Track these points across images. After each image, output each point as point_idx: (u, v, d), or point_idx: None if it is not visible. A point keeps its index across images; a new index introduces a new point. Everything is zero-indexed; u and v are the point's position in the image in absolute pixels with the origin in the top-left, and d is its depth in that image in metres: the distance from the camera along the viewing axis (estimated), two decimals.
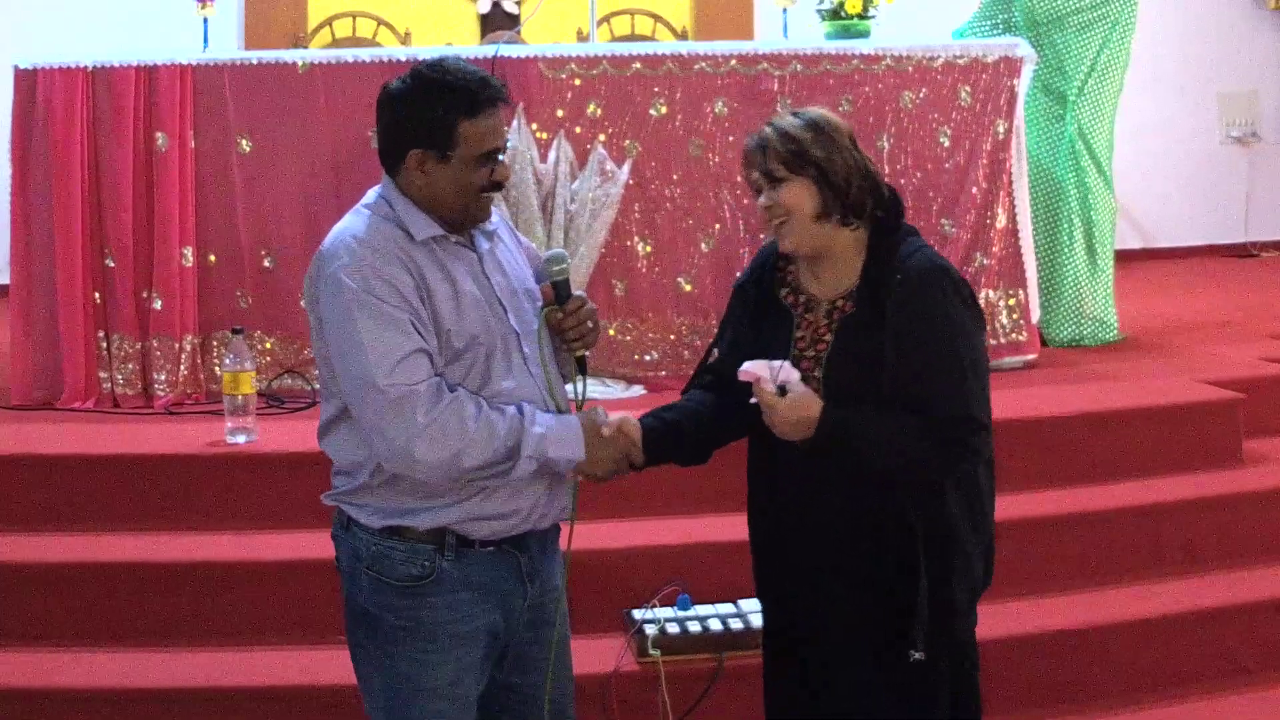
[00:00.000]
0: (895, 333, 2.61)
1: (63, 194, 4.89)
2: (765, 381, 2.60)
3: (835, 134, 2.69)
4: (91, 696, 3.61)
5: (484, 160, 2.59)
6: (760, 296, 2.81)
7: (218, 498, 4.21)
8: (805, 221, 2.67)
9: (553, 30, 7.63)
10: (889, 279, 2.65)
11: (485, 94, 2.57)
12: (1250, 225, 8.67)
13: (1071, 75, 5.81)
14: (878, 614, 2.68)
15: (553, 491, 2.70)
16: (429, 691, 2.64)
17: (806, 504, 2.70)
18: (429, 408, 2.49)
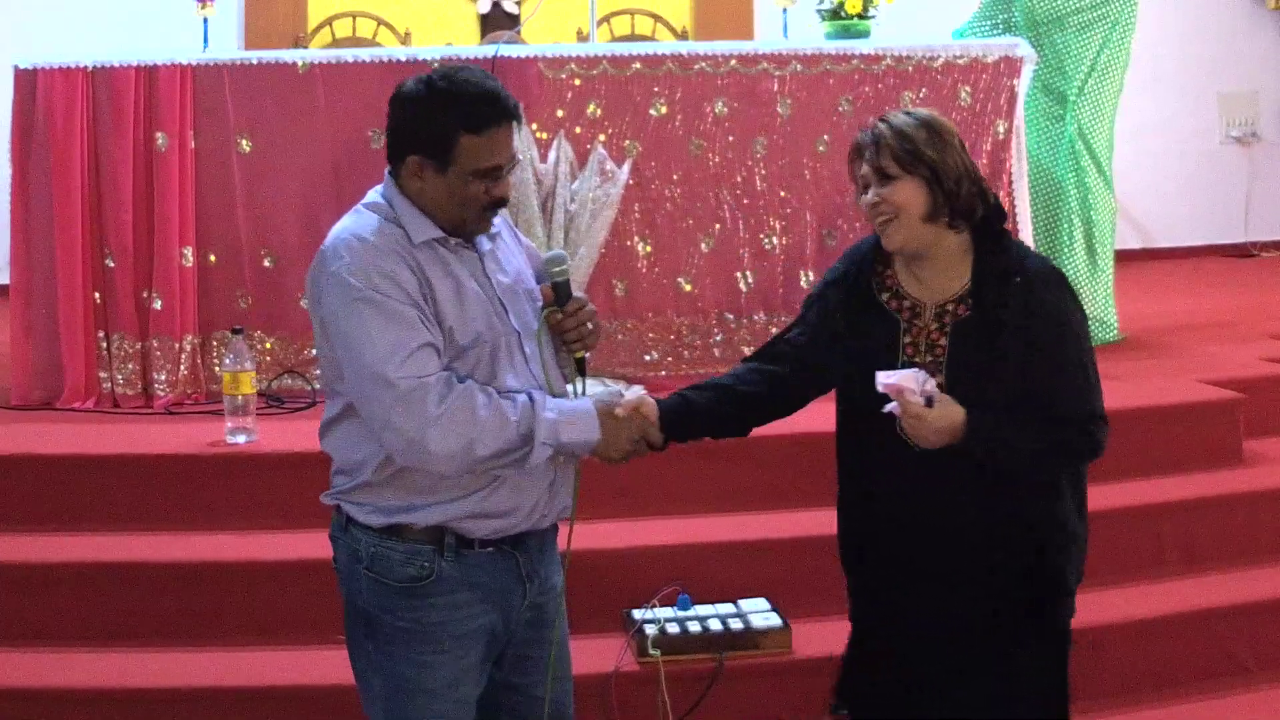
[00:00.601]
0: (1020, 335, 2.64)
1: (63, 194, 4.89)
2: (911, 393, 2.58)
3: (948, 135, 2.70)
4: (91, 696, 3.61)
5: (482, 176, 2.58)
6: (856, 298, 2.78)
7: (218, 498, 4.21)
8: (914, 221, 2.67)
9: (553, 30, 7.63)
10: (1006, 282, 2.67)
11: (491, 110, 2.56)
12: (1250, 225, 8.67)
13: (1071, 75, 5.81)
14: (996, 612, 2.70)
15: (554, 490, 2.69)
16: (428, 693, 2.64)
17: (927, 504, 2.69)
18: (440, 398, 2.49)
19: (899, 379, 2.59)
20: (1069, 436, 2.67)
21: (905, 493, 2.71)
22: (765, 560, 4.00)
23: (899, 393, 2.58)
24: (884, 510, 2.76)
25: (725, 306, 5.20)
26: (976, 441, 2.60)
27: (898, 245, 2.69)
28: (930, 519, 2.69)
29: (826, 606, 3.93)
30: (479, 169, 2.57)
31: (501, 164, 2.60)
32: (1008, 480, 2.66)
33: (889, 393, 2.59)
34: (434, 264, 2.59)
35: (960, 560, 2.69)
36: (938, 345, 2.69)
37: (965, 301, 2.69)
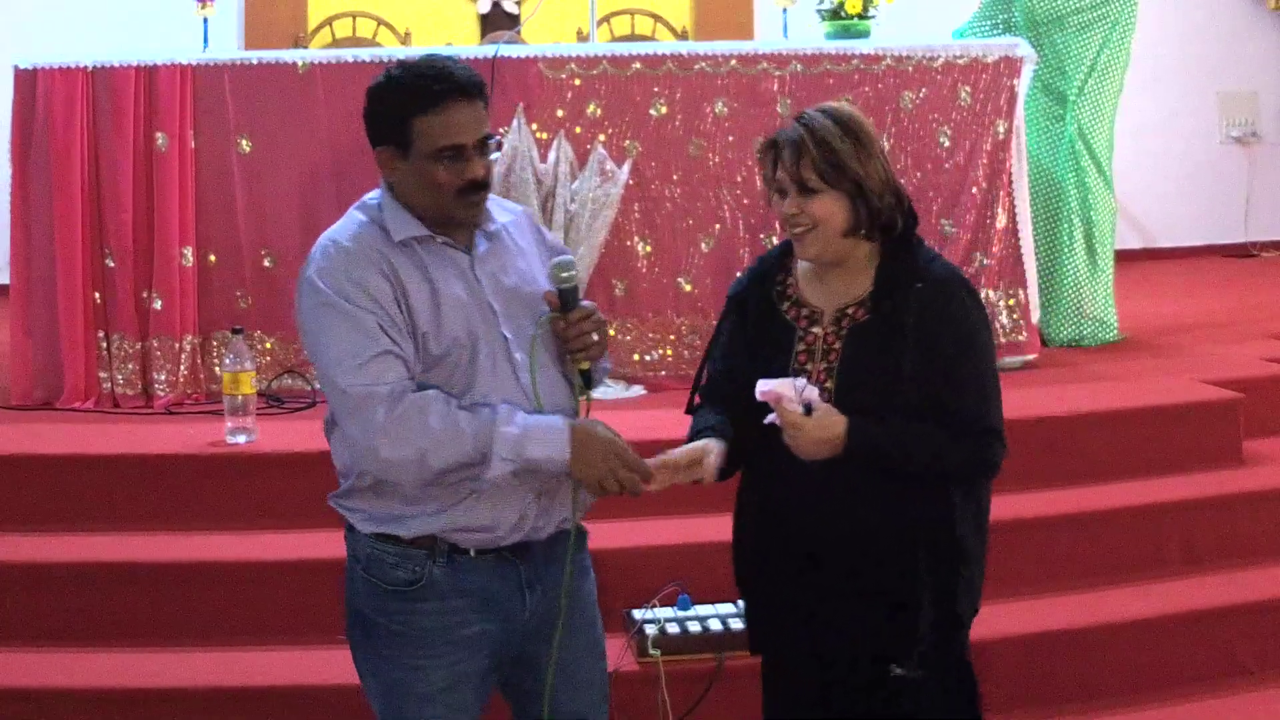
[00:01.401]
0: (918, 342, 2.56)
1: (63, 194, 4.89)
2: (790, 401, 2.50)
3: (870, 144, 2.62)
4: (91, 696, 3.61)
5: (444, 157, 2.51)
6: (759, 310, 2.71)
7: (218, 498, 4.21)
8: (833, 235, 2.60)
9: (553, 30, 7.63)
10: (907, 287, 2.60)
11: (440, 87, 2.51)
12: (1250, 225, 8.66)
13: (1071, 75, 5.81)
14: (882, 628, 2.62)
15: (548, 502, 2.62)
16: (420, 697, 2.62)
17: (813, 515, 2.63)
18: (390, 407, 2.46)
19: (775, 386, 2.51)
20: (960, 451, 2.59)
21: (795, 502, 2.64)
22: None
23: (776, 401, 2.51)
24: (775, 521, 2.68)
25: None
26: (857, 452, 2.53)
27: (812, 256, 2.63)
28: (818, 529, 2.62)
29: None
30: (437, 149, 2.51)
31: (463, 143, 2.52)
32: (898, 492, 2.58)
33: (768, 401, 2.51)
34: (411, 266, 2.55)
35: (848, 574, 2.61)
36: (832, 350, 2.62)
37: (864, 305, 2.63)
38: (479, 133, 2.54)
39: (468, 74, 2.55)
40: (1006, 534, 4.16)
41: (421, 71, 2.53)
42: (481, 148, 2.55)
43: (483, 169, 2.56)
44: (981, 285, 5.34)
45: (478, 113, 2.55)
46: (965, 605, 2.67)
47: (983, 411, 2.61)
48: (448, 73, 2.52)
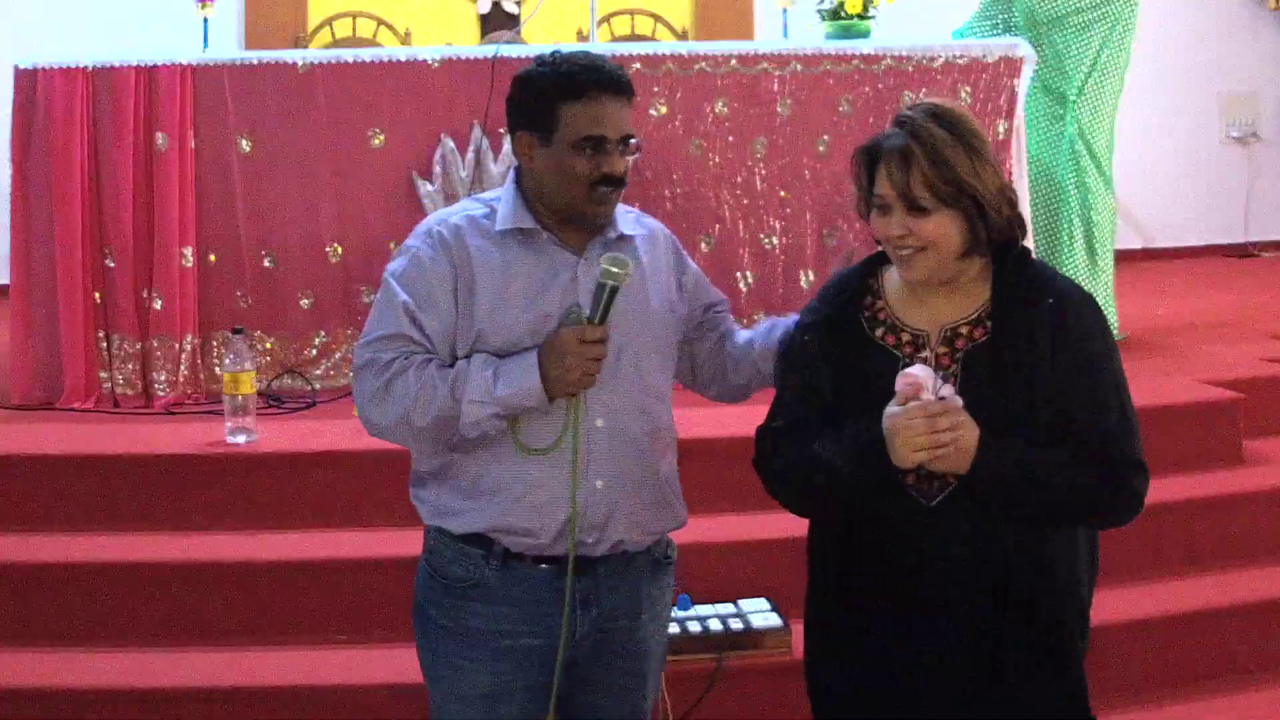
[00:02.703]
0: (1052, 361, 2.30)
1: (63, 194, 4.89)
2: (927, 391, 2.25)
3: (984, 148, 2.33)
4: (91, 696, 3.61)
5: (584, 146, 2.52)
6: (844, 342, 2.41)
7: (218, 498, 4.20)
8: (948, 256, 2.33)
9: (553, 30, 7.63)
10: (1033, 303, 2.33)
11: (593, 78, 2.53)
12: (1250, 225, 8.67)
13: (1071, 75, 5.81)
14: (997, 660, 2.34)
15: (598, 517, 2.56)
16: (461, 699, 2.61)
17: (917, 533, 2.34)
18: (380, 373, 2.52)
19: (920, 374, 2.27)
20: (1100, 484, 2.31)
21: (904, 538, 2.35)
22: (765, 560, 4.00)
23: (916, 391, 2.25)
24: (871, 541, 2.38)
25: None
26: (985, 472, 2.25)
27: (922, 279, 2.36)
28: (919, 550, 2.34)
29: None
30: (580, 138, 2.52)
31: (606, 135, 2.53)
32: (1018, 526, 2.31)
33: (906, 391, 2.26)
34: (497, 258, 2.55)
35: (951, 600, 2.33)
36: (948, 375, 2.34)
37: (982, 324, 2.36)
38: (622, 130, 2.56)
39: (619, 72, 2.58)
40: None
41: (576, 62, 2.56)
42: (623, 145, 2.57)
43: (621, 165, 2.57)
44: None
45: (624, 111, 2.58)
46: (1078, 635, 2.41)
47: (1126, 439, 2.34)
48: (599, 66, 2.55)
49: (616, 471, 2.57)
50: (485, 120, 4.95)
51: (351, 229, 5.06)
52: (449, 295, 2.54)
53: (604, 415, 2.56)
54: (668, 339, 2.69)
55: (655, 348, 2.65)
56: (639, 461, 2.60)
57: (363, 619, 3.86)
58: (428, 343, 2.54)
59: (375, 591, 3.86)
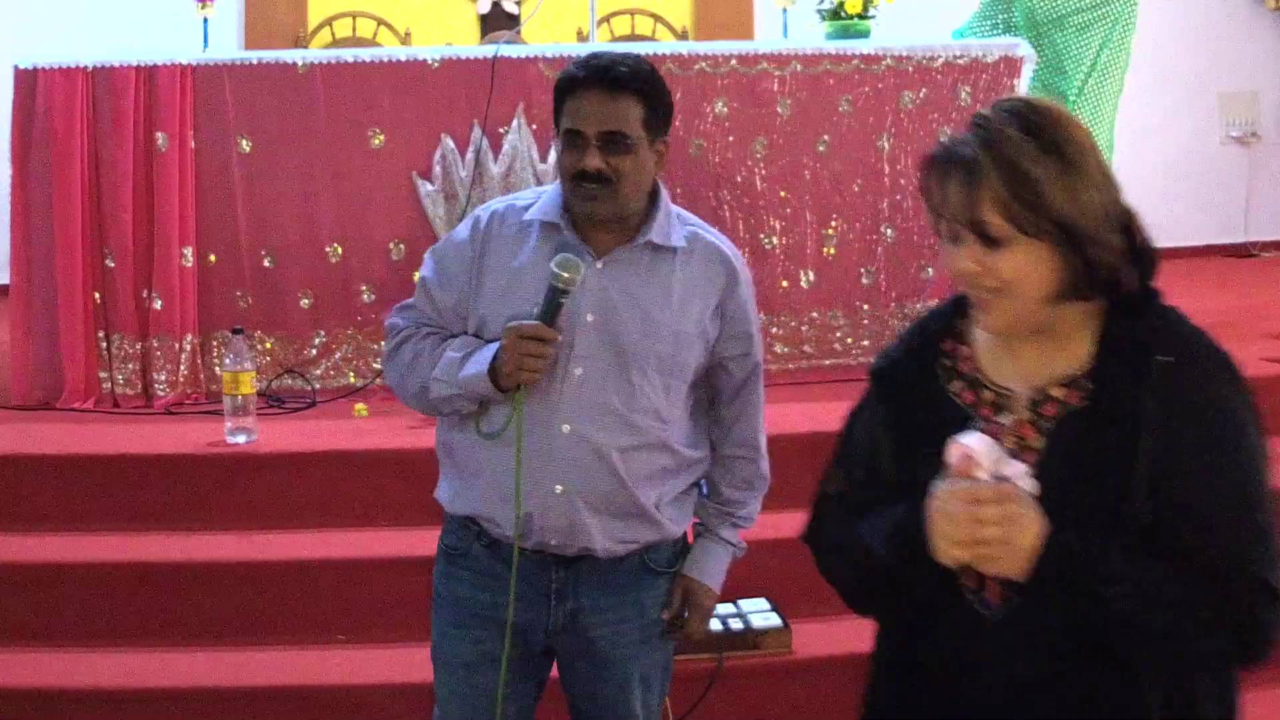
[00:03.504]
0: (1161, 438, 1.76)
1: (63, 194, 4.88)
2: (982, 469, 1.73)
3: (1084, 160, 1.78)
4: (91, 696, 3.61)
5: (566, 141, 2.53)
6: (916, 391, 1.94)
7: (218, 498, 4.21)
8: (1033, 302, 1.81)
9: (553, 30, 7.62)
10: (1144, 360, 1.79)
11: (580, 73, 2.54)
12: (1250, 225, 8.66)
13: (1071, 75, 5.81)
14: None
15: (561, 518, 2.55)
16: (446, 665, 2.69)
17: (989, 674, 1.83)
18: (391, 338, 2.70)
19: (975, 444, 1.74)
20: (1215, 605, 1.73)
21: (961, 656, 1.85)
22: (765, 560, 3.99)
23: (967, 467, 1.74)
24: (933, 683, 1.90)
25: None
26: (1049, 583, 1.72)
27: (1002, 329, 1.86)
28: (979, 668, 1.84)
29: (826, 606, 3.92)
30: (563, 133, 2.54)
31: (581, 129, 2.51)
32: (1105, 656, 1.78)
33: (955, 462, 1.75)
34: (517, 246, 2.58)
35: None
36: (1029, 447, 1.83)
37: (1078, 386, 1.83)
38: (604, 125, 2.51)
39: (611, 66, 2.52)
40: None
41: (579, 61, 2.58)
42: (606, 141, 2.51)
43: (596, 161, 2.50)
44: None
45: (609, 105, 2.51)
46: None
47: (1254, 551, 1.75)
48: (591, 62, 2.55)
49: (579, 480, 2.54)
50: (485, 120, 4.95)
51: (351, 229, 5.06)
52: (465, 276, 2.60)
53: (571, 421, 2.54)
54: (682, 360, 2.60)
55: (660, 366, 2.58)
56: (609, 474, 2.55)
57: (363, 619, 3.86)
58: (439, 318, 2.64)
59: (375, 591, 3.86)
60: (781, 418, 4.58)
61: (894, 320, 5.29)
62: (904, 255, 5.31)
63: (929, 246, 5.32)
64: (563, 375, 2.54)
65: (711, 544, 2.76)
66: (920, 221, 5.30)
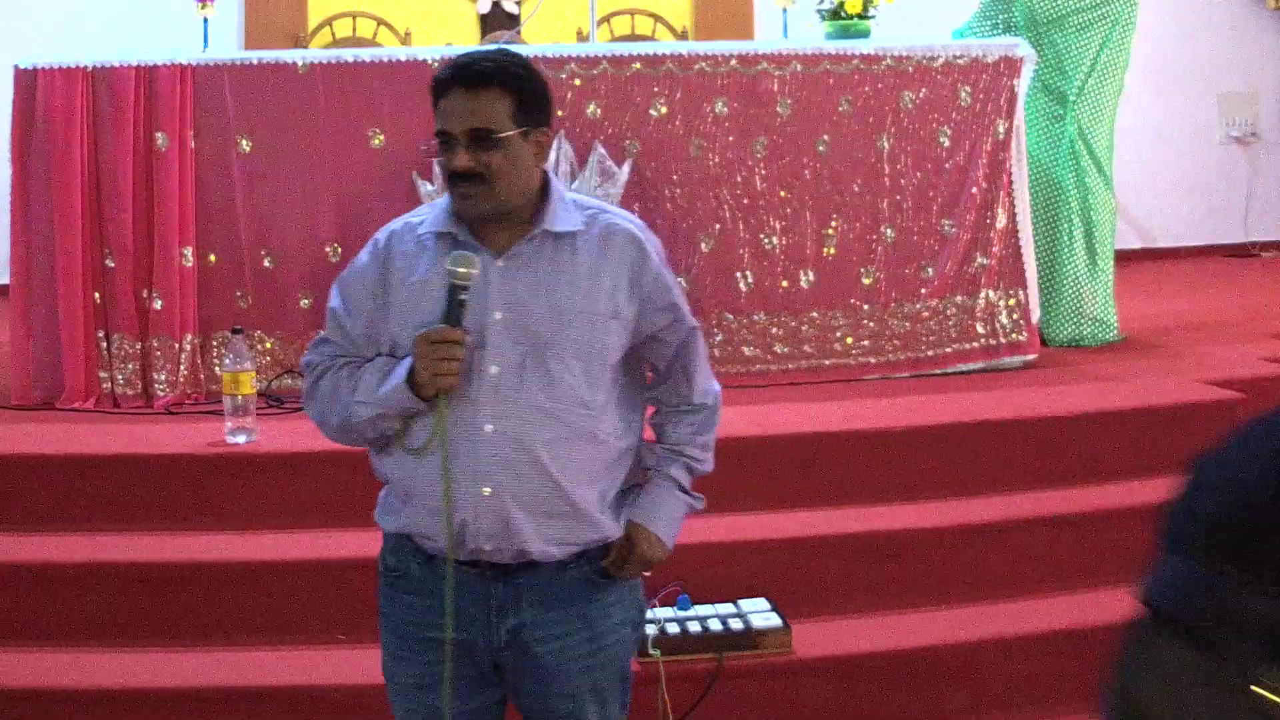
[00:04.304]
0: None
1: (63, 194, 4.89)
2: None
3: None
4: (91, 696, 3.61)
5: (439, 143, 2.52)
6: None
7: (218, 498, 4.20)
8: None
9: (553, 30, 7.63)
10: None
11: (445, 74, 2.52)
12: (1250, 225, 8.67)
13: (1071, 75, 5.81)
14: None
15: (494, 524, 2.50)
16: (397, 687, 2.66)
17: None
18: (308, 375, 2.66)
19: None
20: None
21: None
22: (765, 560, 4.00)
23: None
24: None
25: (725, 306, 5.20)
26: None
27: None
28: None
29: (826, 606, 3.95)
30: (435, 134, 2.53)
31: (448, 129, 2.50)
32: None
33: None
34: (418, 261, 2.56)
35: None
36: None
37: None
38: (470, 123, 2.49)
39: (473, 63, 2.52)
40: (1005, 534, 4.18)
41: (447, 62, 2.57)
42: (474, 140, 2.49)
43: (464, 160, 2.49)
44: (981, 285, 5.35)
45: (473, 103, 2.50)
46: None
47: None
48: (459, 62, 2.53)
49: (507, 479, 2.49)
50: None
51: (351, 229, 5.05)
52: (372, 300, 2.58)
53: (493, 420, 2.49)
54: (599, 342, 2.55)
55: (579, 353, 2.53)
56: (537, 470, 2.50)
57: (363, 619, 3.84)
58: (352, 347, 2.61)
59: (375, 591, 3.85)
60: (782, 418, 4.59)
61: (894, 320, 5.29)
62: (904, 255, 5.31)
63: (929, 246, 5.32)
64: (479, 375, 2.50)
65: (657, 484, 2.67)
66: (920, 221, 5.31)
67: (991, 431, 4.46)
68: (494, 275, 2.52)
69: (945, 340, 5.33)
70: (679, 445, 2.69)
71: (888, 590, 4.01)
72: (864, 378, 5.24)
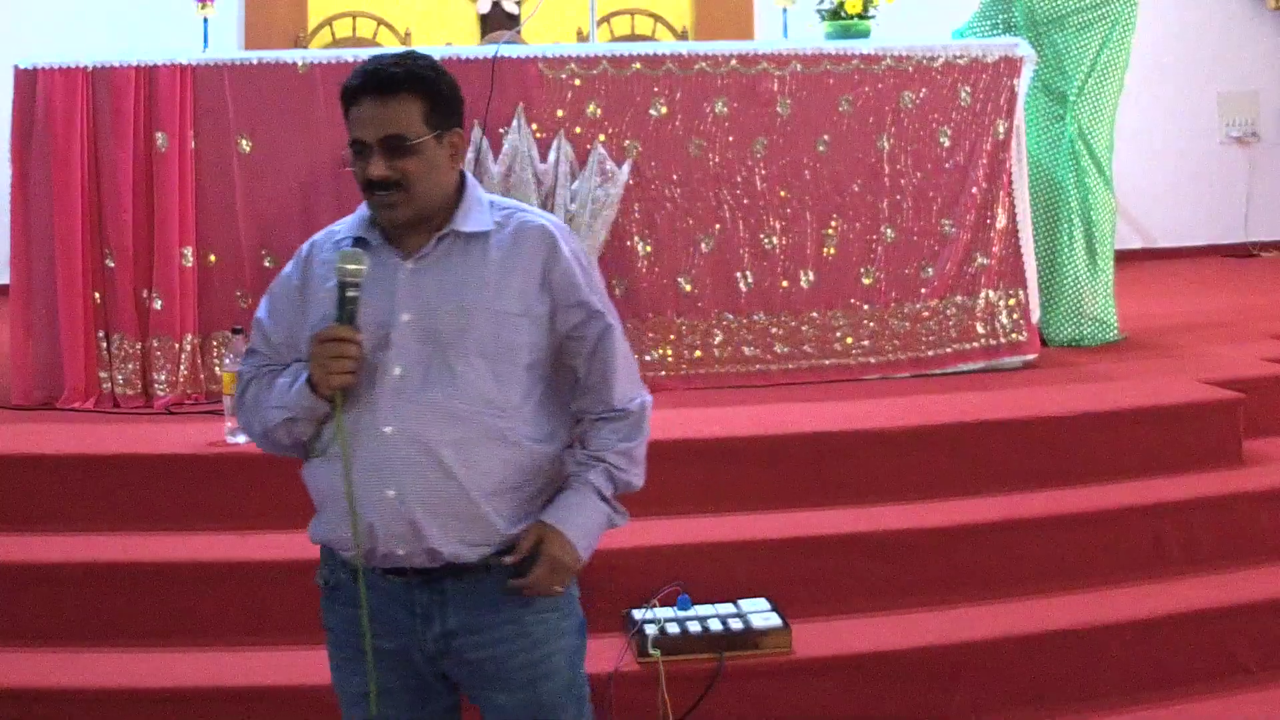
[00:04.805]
0: None
1: (63, 194, 4.88)
2: None
3: None
4: (91, 696, 3.61)
5: (353, 151, 2.52)
6: None
7: (218, 498, 4.20)
8: None
9: (553, 30, 7.63)
10: None
11: (354, 83, 2.55)
12: (1250, 225, 8.67)
13: (1071, 75, 5.81)
14: None
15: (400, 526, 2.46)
16: (347, 698, 2.64)
17: None
18: (238, 385, 2.66)
19: None
20: None
21: None
22: (765, 560, 4.00)
23: None
24: None
25: (725, 306, 5.20)
26: None
27: None
28: None
29: (826, 606, 3.95)
30: (349, 144, 2.53)
31: (362, 138, 2.51)
32: None
33: None
34: (332, 267, 2.51)
35: None
36: None
37: None
38: (383, 130, 2.49)
39: (381, 70, 2.52)
40: (1006, 534, 4.18)
41: (356, 68, 2.58)
42: (388, 147, 2.49)
43: (380, 169, 2.48)
44: (981, 285, 5.35)
45: (385, 110, 2.51)
46: None
47: None
48: (368, 69, 2.53)
49: (410, 480, 2.45)
50: (485, 120, 4.95)
51: None
52: (293, 309, 2.59)
53: (394, 421, 2.46)
54: (506, 339, 2.51)
55: (485, 352, 2.49)
56: (440, 471, 2.45)
57: None
58: (277, 355, 2.62)
59: None
60: (782, 418, 4.59)
61: (894, 320, 5.29)
62: (904, 255, 5.31)
63: (929, 246, 5.32)
64: (382, 377, 2.47)
65: (574, 488, 2.56)
66: (920, 221, 5.31)
67: (991, 431, 4.46)
68: (403, 277, 2.51)
69: (945, 340, 5.33)
70: (600, 451, 2.59)
71: (888, 590, 4.01)
72: (864, 378, 5.24)
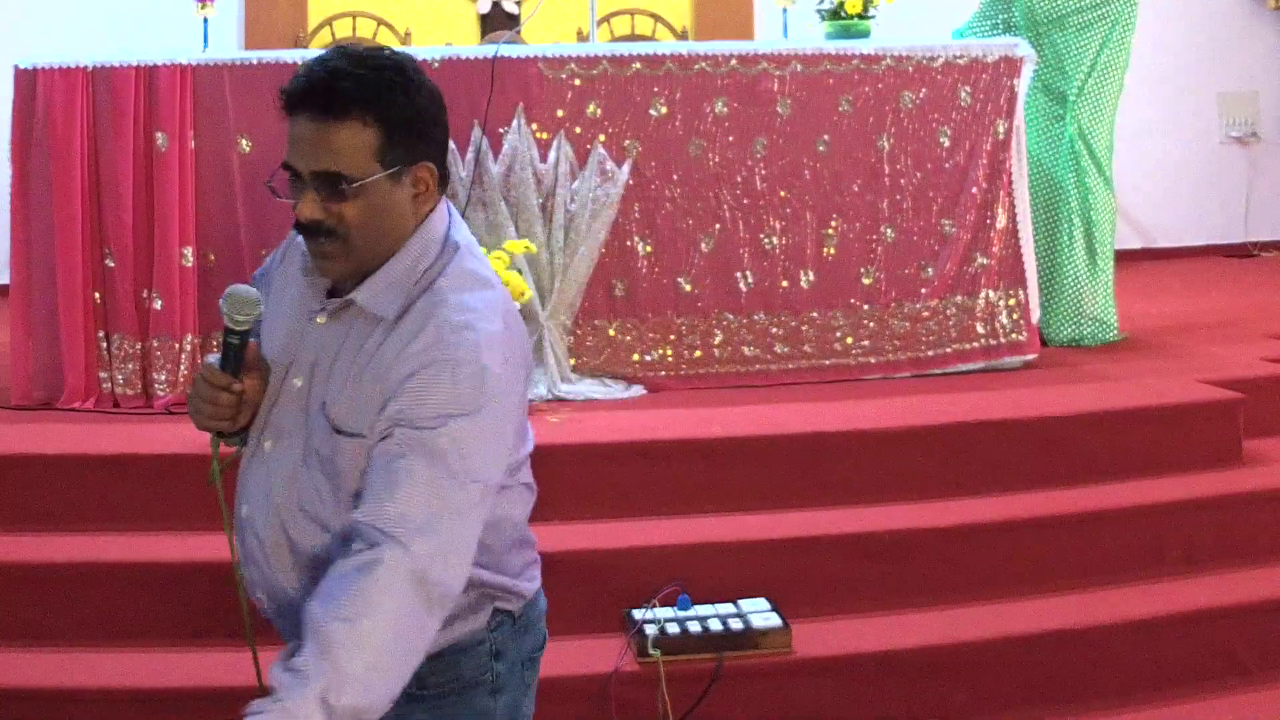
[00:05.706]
0: None
1: (63, 194, 4.88)
2: None
3: None
4: (91, 696, 3.61)
5: (289, 176, 2.01)
6: None
7: (217, 498, 4.19)
8: None
9: (553, 30, 7.63)
10: None
11: (295, 89, 2.05)
12: (1250, 225, 8.67)
13: (1071, 75, 5.82)
14: None
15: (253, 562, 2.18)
16: None
17: None
18: None
19: None
20: None
21: None
22: (765, 560, 4.00)
23: None
24: None
25: (725, 306, 5.20)
26: None
27: None
28: None
29: (826, 606, 3.95)
30: (283, 164, 2.01)
31: (293, 165, 1.97)
32: None
33: None
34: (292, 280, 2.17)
35: None
36: None
37: None
38: (318, 164, 1.96)
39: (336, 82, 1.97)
40: (1005, 534, 4.18)
41: (302, 66, 2.07)
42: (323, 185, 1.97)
43: (309, 210, 1.95)
44: (981, 285, 5.35)
45: (325, 139, 1.97)
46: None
47: None
48: (313, 73, 2.02)
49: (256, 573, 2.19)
50: (485, 120, 4.95)
51: None
52: (265, 294, 2.23)
53: (248, 501, 2.14)
54: (338, 466, 2.04)
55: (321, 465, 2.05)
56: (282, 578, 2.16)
57: None
58: None
59: None
60: (782, 418, 4.59)
61: (894, 320, 5.29)
62: (904, 255, 5.31)
63: (929, 246, 5.32)
64: (255, 447, 2.14)
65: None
66: (920, 221, 5.31)
67: (991, 431, 4.46)
68: (311, 332, 2.08)
69: (945, 340, 5.33)
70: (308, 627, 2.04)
71: (888, 590, 4.01)
72: (864, 378, 5.24)
